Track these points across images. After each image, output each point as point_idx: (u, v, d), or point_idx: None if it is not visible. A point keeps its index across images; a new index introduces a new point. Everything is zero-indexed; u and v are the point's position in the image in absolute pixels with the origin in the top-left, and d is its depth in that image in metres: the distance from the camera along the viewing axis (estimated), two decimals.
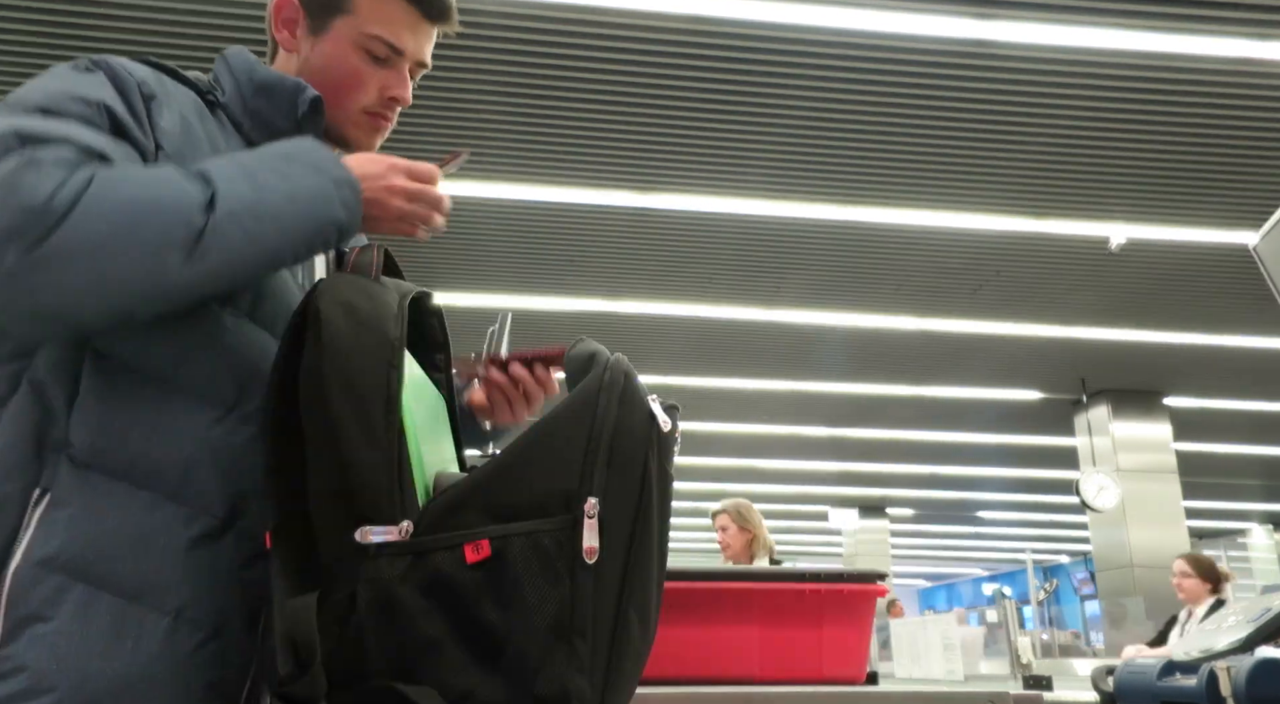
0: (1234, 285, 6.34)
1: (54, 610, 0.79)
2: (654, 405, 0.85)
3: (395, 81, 1.05)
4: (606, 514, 0.78)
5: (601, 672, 0.77)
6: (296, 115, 1.00)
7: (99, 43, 4.06)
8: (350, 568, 0.76)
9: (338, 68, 1.03)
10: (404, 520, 0.76)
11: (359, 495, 0.77)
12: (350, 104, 1.04)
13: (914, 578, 24.53)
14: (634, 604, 0.80)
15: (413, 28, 1.05)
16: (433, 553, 0.76)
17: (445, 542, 0.76)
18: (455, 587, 0.75)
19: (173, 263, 0.78)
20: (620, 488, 0.80)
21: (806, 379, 8.58)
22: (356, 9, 1.03)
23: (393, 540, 0.76)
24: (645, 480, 0.81)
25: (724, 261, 6.15)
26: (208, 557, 0.86)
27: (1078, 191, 5.27)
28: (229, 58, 1.04)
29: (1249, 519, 15.81)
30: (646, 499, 0.81)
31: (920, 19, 3.93)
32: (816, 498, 14.56)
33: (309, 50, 1.05)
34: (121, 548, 0.82)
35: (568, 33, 4.02)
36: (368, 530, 0.76)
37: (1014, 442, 10.74)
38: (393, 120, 1.08)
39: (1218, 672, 1.67)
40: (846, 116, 4.60)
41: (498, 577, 0.76)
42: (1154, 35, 4.01)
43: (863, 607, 1.76)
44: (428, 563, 0.76)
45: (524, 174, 5.13)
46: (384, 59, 1.04)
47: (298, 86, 1.00)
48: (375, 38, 1.03)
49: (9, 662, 0.77)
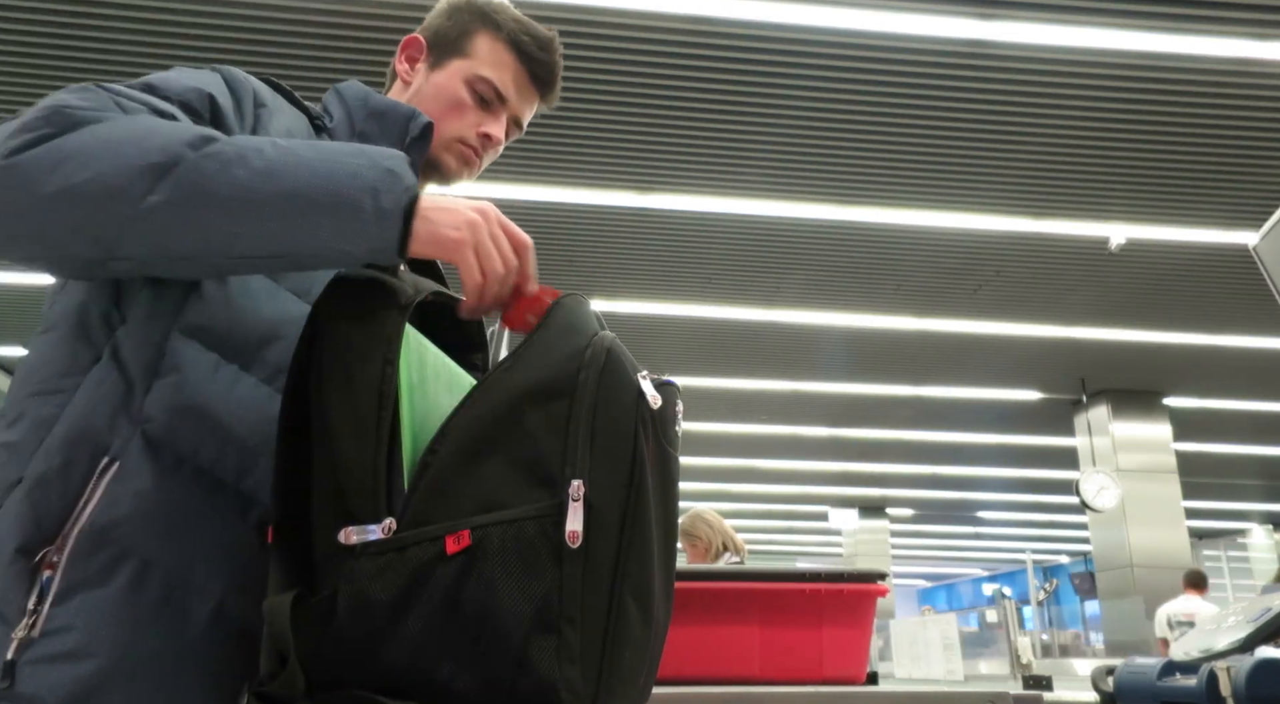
0: (1234, 285, 6.34)
1: (109, 579, 0.80)
2: (643, 382, 0.82)
3: (492, 122, 1.13)
4: (594, 497, 0.76)
5: (595, 661, 0.74)
6: (405, 139, 1.04)
7: (100, 43, 4.06)
8: (336, 567, 0.75)
9: (445, 97, 1.12)
10: (387, 518, 0.74)
11: (347, 494, 0.76)
12: (448, 130, 1.11)
13: (914, 578, 24.53)
14: (631, 590, 0.77)
15: (519, 85, 1.14)
16: (413, 548, 0.74)
17: (427, 535, 0.74)
18: (438, 581, 0.73)
19: (138, 186, 0.76)
20: (608, 469, 0.77)
21: (806, 379, 8.59)
22: (475, 53, 1.13)
23: (375, 538, 0.74)
24: (636, 460, 0.78)
25: (724, 261, 6.15)
26: (256, 549, 0.85)
27: (1077, 191, 5.27)
28: (342, 89, 1.10)
29: (1249, 519, 15.81)
30: (639, 479, 0.78)
31: (920, 19, 3.93)
32: (816, 498, 14.56)
33: (423, 82, 1.14)
34: (179, 528, 0.84)
35: (568, 33, 4.00)
36: (351, 531, 0.74)
37: (1014, 442, 10.74)
38: (484, 160, 1.15)
39: (1217, 672, 1.67)
40: (846, 116, 4.60)
41: (481, 567, 0.73)
42: (1154, 35, 4.01)
43: (863, 607, 1.76)
44: (409, 558, 0.74)
45: (524, 174, 5.13)
46: (488, 101, 1.13)
47: (412, 112, 1.07)
48: (484, 79, 1.12)
49: (58, 620, 0.78)
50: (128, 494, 0.82)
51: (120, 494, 0.82)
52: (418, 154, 1.05)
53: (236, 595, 0.86)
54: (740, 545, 3.93)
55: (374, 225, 0.79)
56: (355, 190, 0.79)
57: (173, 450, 0.85)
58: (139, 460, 0.83)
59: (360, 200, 0.78)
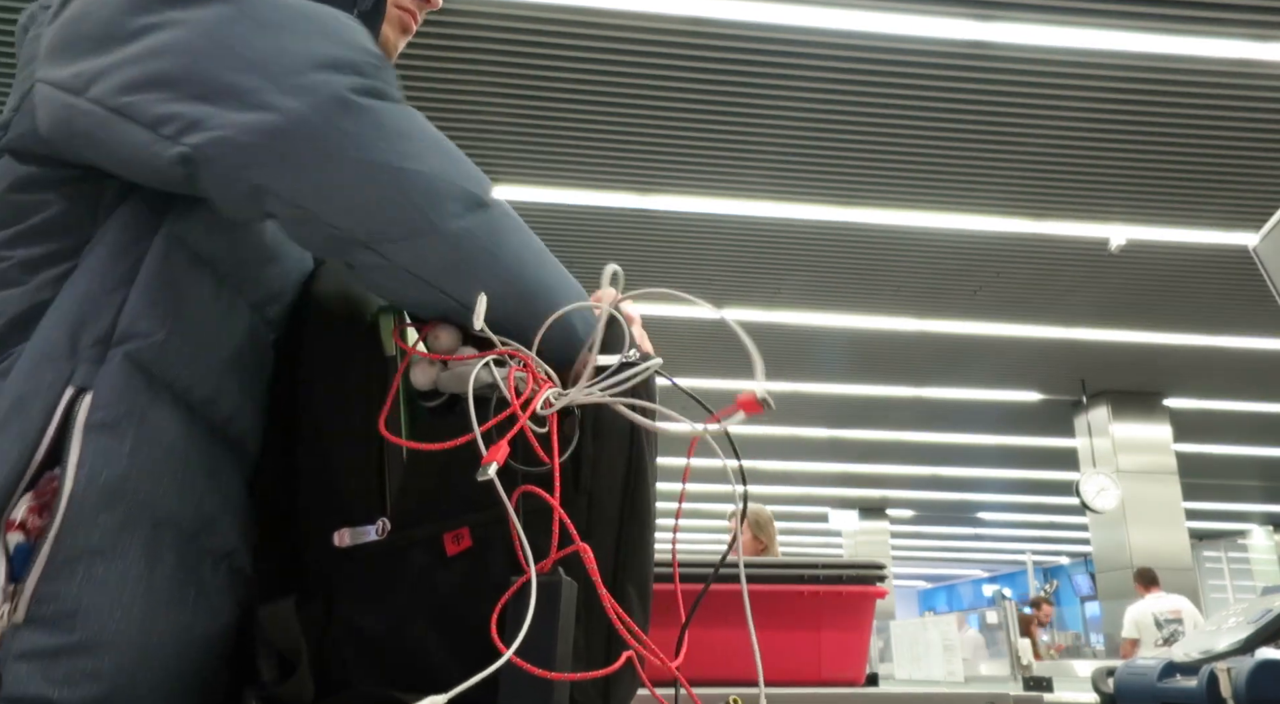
0: (1234, 285, 6.33)
1: (119, 546, 0.65)
2: None
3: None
4: (594, 489, 0.73)
5: (602, 656, 0.72)
6: (353, 10, 0.91)
7: None
8: (330, 569, 0.73)
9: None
10: (380, 518, 0.72)
11: (340, 494, 0.74)
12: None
13: (914, 579, 24.52)
14: (632, 579, 0.75)
15: None
16: (411, 548, 0.71)
17: (424, 534, 0.71)
18: (437, 582, 0.71)
19: (453, 206, 0.71)
20: (606, 461, 0.74)
21: (806, 380, 8.58)
22: None
23: (369, 541, 0.72)
24: (635, 446, 0.76)
25: (724, 262, 6.15)
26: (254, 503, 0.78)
27: (1077, 192, 5.26)
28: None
29: (1249, 520, 15.80)
30: (638, 466, 0.76)
31: (919, 20, 3.93)
32: (816, 499, 14.55)
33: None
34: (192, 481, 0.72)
35: (568, 33, 4.02)
36: (345, 532, 0.72)
37: (1014, 443, 10.73)
38: (418, 23, 1.04)
39: (1218, 673, 1.66)
40: (846, 117, 4.60)
41: (482, 567, 0.71)
42: (1153, 36, 4.01)
43: (862, 608, 1.75)
44: (407, 559, 0.72)
45: (524, 175, 5.13)
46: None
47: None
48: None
49: (54, 603, 0.62)
50: (121, 440, 0.67)
51: (111, 441, 0.66)
52: (370, 30, 0.92)
53: (242, 554, 0.76)
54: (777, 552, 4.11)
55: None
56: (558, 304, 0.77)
57: (166, 383, 0.71)
58: (121, 391, 0.68)
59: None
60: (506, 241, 0.75)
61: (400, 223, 0.70)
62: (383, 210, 0.69)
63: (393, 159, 0.69)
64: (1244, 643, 1.66)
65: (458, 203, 0.72)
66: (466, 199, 0.72)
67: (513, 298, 0.74)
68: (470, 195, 0.73)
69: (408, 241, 0.70)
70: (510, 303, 0.74)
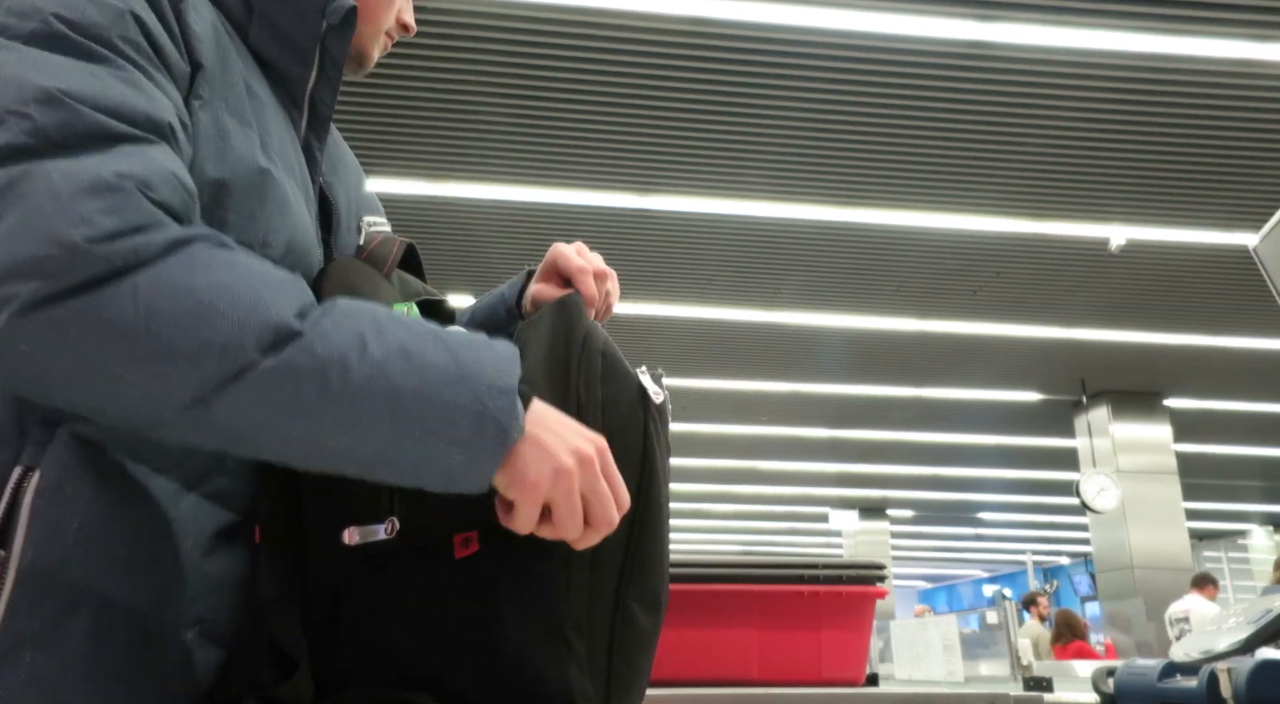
0: (1234, 286, 6.33)
1: (63, 629, 0.63)
2: (642, 377, 0.78)
3: (406, 7, 1.00)
4: None
5: (603, 668, 0.71)
6: (319, 26, 0.83)
7: None
8: (337, 568, 0.73)
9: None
10: (389, 517, 0.71)
11: (349, 493, 0.72)
12: (382, 20, 0.96)
13: (914, 579, 24.52)
14: (636, 594, 0.74)
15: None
16: (419, 549, 0.71)
17: (433, 535, 0.71)
18: (445, 584, 0.71)
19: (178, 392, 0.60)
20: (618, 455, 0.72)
21: (806, 380, 8.58)
22: None
23: (378, 539, 0.71)
24: (647, 457, 0.74)
25: (724, 262, 6.15)
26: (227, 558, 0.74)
27: (1077, 193, 5.26)
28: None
29: (1249, 521, 15.80)
30: (649, 478, 0.74)
31: (919, 20, 3.93)
32: (816, 499, 14.55)
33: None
34: (143, 550, 0.67)
35: (567, 33, 4.02)
36: (354, 531, 0.71)
37: (1014, 443, 10.73)
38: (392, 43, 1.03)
39: (1218, 673, 1.66)
40: (846, 117, 4.60)
41: (490, 570, 0.71)
42: (1153, 36, 4.01)
43: (862, 607, 1.75)
44: (414, 560, 0.71)
45: (524, 175, 5.13)
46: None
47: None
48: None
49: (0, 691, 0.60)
50: (69, 518, 0.63)
51: (59, 519, 0.63)
52: (338, 46, 0.85)
53: (215, 614, 0.73)
54: None
55: (461, 470, 0.65)
56: (451, 434, 0.64)
57: (128, 452, 0.67)
58: (70, 469, 0.64)
59: (449, 454, 0.64)
60: (299, 395, 0.61)
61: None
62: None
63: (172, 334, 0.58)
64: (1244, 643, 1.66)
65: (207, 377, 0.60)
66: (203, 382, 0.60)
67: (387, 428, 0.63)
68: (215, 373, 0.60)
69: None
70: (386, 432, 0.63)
